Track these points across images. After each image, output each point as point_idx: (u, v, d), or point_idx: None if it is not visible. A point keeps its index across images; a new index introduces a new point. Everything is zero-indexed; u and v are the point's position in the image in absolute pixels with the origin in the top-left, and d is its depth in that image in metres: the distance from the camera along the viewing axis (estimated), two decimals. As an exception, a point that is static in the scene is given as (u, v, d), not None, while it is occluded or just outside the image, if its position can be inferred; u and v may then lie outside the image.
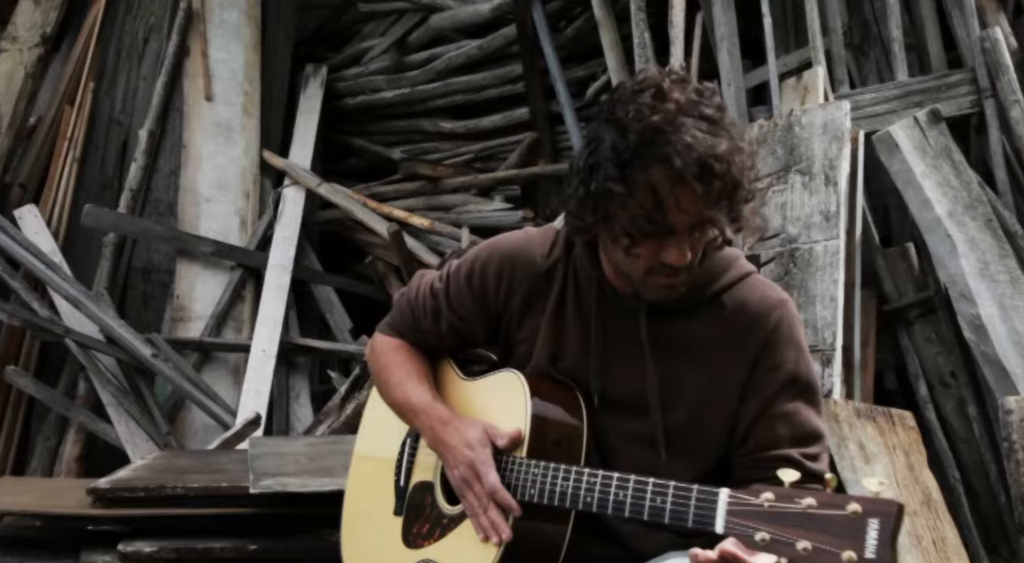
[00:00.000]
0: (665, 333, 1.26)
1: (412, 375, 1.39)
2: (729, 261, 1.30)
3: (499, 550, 1.20)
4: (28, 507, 2.19)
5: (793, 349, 1.26)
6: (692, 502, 1.04)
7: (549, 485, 1.19)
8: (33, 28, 4.04)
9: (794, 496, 0.95)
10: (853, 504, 0.91)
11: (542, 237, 1.35)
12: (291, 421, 3.75)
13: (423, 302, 1.41)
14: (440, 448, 1.31)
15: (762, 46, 3.18)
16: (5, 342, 3.60)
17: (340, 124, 4.72)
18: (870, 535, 0.89)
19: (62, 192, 3.89)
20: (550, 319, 1.31)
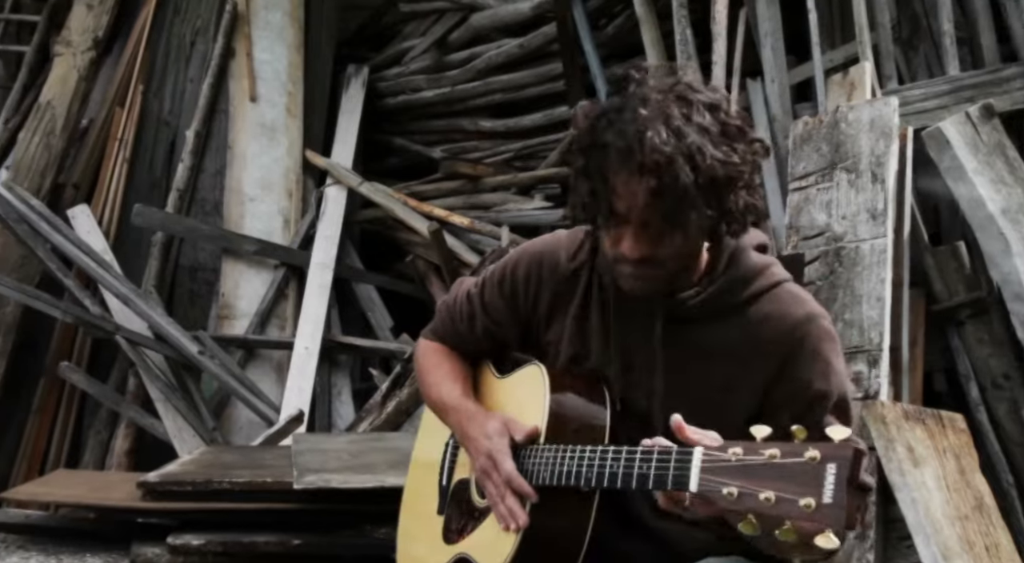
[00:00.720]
0: (682, 339, 1.24)
1: (447, 376, 1.43)
2: (759, 270, 1.26)
3: (517, 537, 1.21)
4: (82, 499, 2.25)
5: (820, 365, 1.22)
6: (671, 464, 1.04)
7: (557, 466, 1.20)
8: (86, 32, 4.14)
9: (759, 448, 0.95)
10: (811, 451, 0.91)
11: (571, 239, 1.36)
12: (333, 418, 3.80)
13: (460, 307, 1.45)
14: (465, 441, 1.34)
15: (807, 42, 3.13)
16: (59, 339, 3.70)
17: (381, 123, 4.76)
18: (828, 480, 0.89)
19: (113, 192, 3.98)
20: (574, 320, 1.32)
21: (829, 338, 1.24)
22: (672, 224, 1.11)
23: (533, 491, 1.20)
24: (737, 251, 1.25)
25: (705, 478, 0.98)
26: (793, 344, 1.21)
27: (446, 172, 4.38)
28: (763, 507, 0.91)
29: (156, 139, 4.16)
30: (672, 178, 1.07)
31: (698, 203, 1.09)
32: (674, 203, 1.09)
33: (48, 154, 3.89)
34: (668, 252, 1.15)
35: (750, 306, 1.24)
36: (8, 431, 3.55)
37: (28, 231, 3.58)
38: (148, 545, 2.09)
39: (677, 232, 1.13)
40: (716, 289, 1.23)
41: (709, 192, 1.10)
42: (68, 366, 3.56)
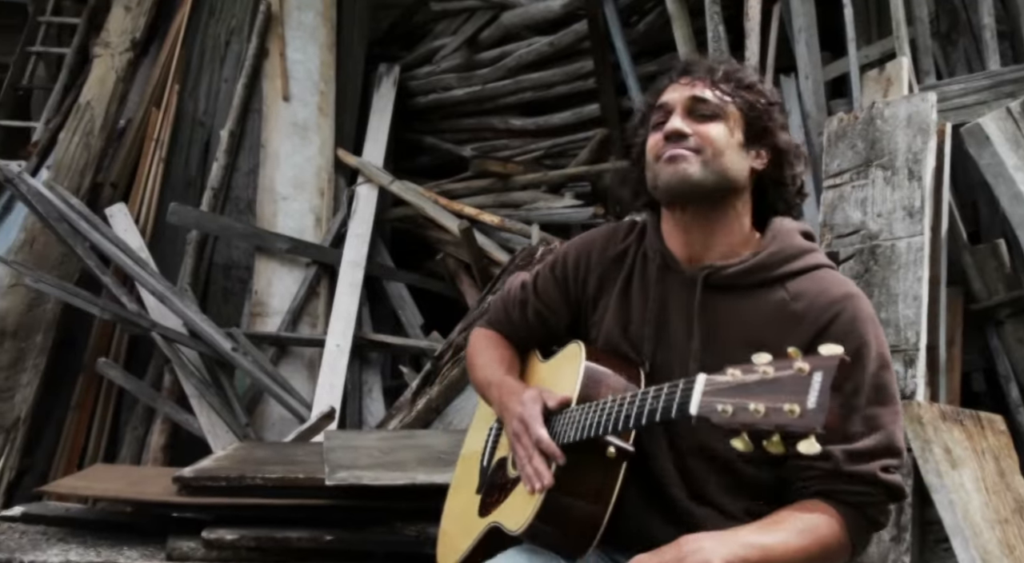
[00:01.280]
0: (719, 308, 1.28)
1: (494, 359, 1.51)
2: (803, 250, 1.31)
3: (541, 497, 1.23)
4: (120, 493, 2.28)
5: (853, 342, 1.21)
6: (678, 392, 1.09)
7: (582, 421, 1.23)
8: (124, 34, 4.21)
9: (755, 367, 1.00)
10: (800, 362, 0.96)
11: (621, 228, 1.46)
12: (364, 415, 3.82)
13: (514, 295, 1.54)
14: (503, 412, 1.39)
15: (842, 37, 3.09)
16: (97, 335, 3.76)
17: (412, 122, 4.78)
18: (814, 387, 0.93)
19: (149, 191, 4.04)
20: (618, 295, 1.39)
21: (867, 319, 1.25)
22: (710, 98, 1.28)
23: (560, 452, 1.22)
24: (782, 231, 1.32)
25: (705, 400, 1.02)
26: (829, 319, 1.23)
27: (476, 170, 4.39)
28: (753, 418, 0.95)
29: (191, 138, 4.22)
30: (718, 69, 1.31)
31: (732, 89, 1.29)
32: (710, 81, 1.29)
33: (87, 154, 3.96)
34: (702, 130, 1.27)
35: (789, 281, 1.28)
36: (48, 426, 3.60)
37: (68, 230, 3.64)
38: (183, 539, 2.11)
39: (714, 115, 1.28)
40: (762, 259, 1.28)
41: (739, 85, 1.29)
42: (106, 362, 3.61)
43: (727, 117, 1.28)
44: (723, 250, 1.31)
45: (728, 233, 1.31)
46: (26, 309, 3.62)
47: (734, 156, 1.28)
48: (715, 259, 1.30)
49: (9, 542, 2.23)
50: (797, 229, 1.34)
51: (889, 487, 1.21)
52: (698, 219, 1.30)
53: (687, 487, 1.28)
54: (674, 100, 1.31)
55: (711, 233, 1.31)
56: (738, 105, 1.29)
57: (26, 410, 3.48)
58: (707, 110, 1.28)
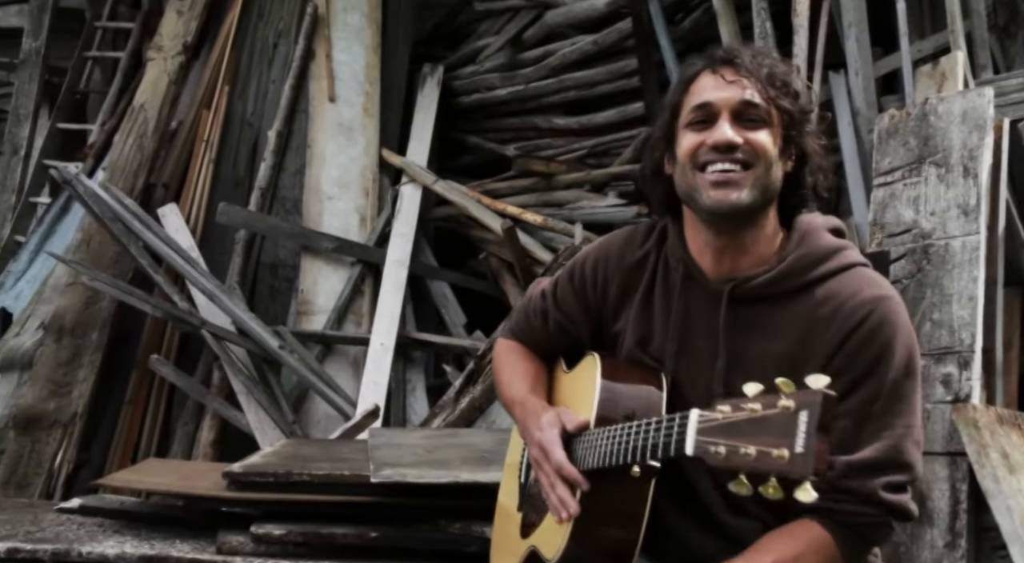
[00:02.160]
0: (745, 320, 1.23)
1: (518, 374, 1.46)
2: (831, 251, 1.24)
3: (570, 525, 1.21)
4: (171, 487, 2.33)
5: (877, 347, 1.16)
6: (675, 430, 1.05)
7: (598, 448, 1.20)
8: (176, 37, 4.29)
9: (743, 404, 0.94)
10: (784, 400, 0.89)
11: (639, 231, 1.39)
12: (407, 413, 3.84)
13: (535, 306, 1.48)
14: (524, 435, 1.36)
15: (894, 32, 3.02)
16: (149, 333, 3.83)
17: (455, 122, 4.80)
18: (800, 428, 0.87)
19: (199, 191, 4.12)
20: (639, 305, 1.33)
21: (896, 322, 1.18)
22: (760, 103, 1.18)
23: (583, 478, 1.19)
24: (809, 231, 1.25)
25: (700, 440, 0.98)
26: (856, 322, 1.17)
27: (519, 170, 4.39)
28: (746, 462, 0.91)
29: (240, 139, 4.29)
30: (758, 62, 1.21)
31: (775, 93, 1.19)
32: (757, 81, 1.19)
33: (140, 155, 4.05)
34: (754, 140, 1.18)
35: (819, 286, 1.21)
36: (103, 421, 3.69)
37: (122, 229, 3.73)
38: (233, 533, 2.15)
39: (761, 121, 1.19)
40: (785, 267, 1.22)
41: (783, 90, 1.20)
42: (158, 359, 3.69)
43: (772, 123, 1.20)
44: (753, 259, 1.24)
45: (759, 240, 1.24)
46: (83, 307, 3.71)
47: (777, 167, 1.21)
48: (743, 269, 1.24)
49: (68, 533, 2.29)
50: (825, 226, 1.27)
51: (891, 508, 1.15)
52: (736, 231, 1.23)
53: (726, 501, 1.25)
54: (720, 101, 1.20)
55: (742, 244, 1.24)
56: (782, 109, 1.20)
57: (83, 405, 3.57)
58: (756, 115, 1.19)
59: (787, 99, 1.20)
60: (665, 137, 1.27)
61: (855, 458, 1.14)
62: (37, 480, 3.41)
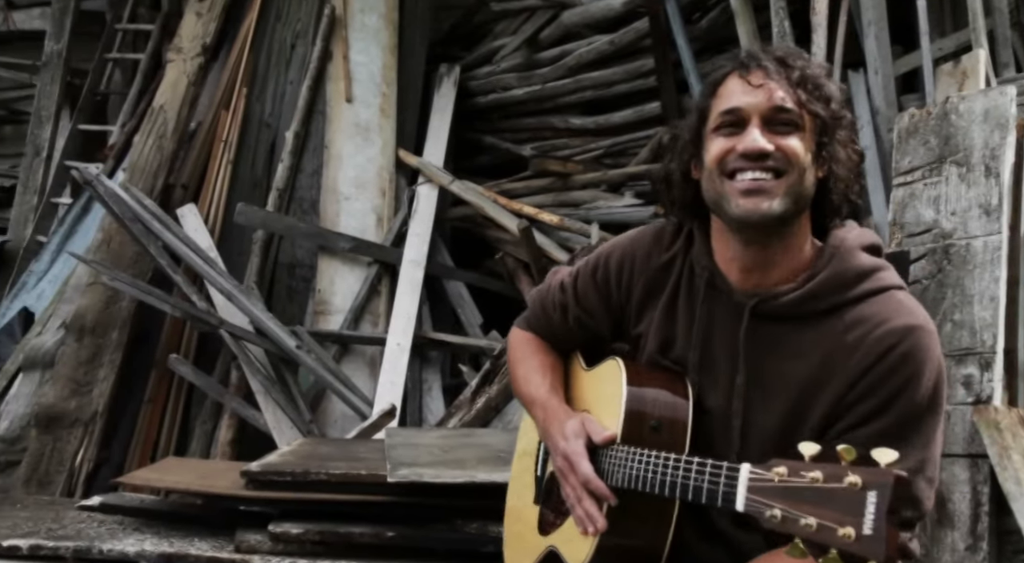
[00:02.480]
0: (767, 338, 1.19)
1: (536, 370, 1.43)
2: (864, 273, 1.17)
3: (596, 540, 1.20)
4: (190, 486, 2.35)
5: (901, 377, 1.11)
6: (721, 480, 1.02)
7: (628, 469, 1.17)
8: (195, 39, 4.32)
9: (802, 470, 0.91)
10: (851, 476, 0.86)
11: (667, 231, 1.34)
12: (424, 413, 3.85)
13: (553, 297, 1.44)
14: (546, 438, 1.34)
15: (914, 30, 3.00)
16: (168, 332, 3.86)
17: (472, 122, 4.80)
18: (868, 509, 0.84)
19: (218, 192, 4.15)
20: (663, 310, 1.30)
21: (926, 357, 1.12)
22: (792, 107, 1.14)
23: (611, 494, 1.18)
24: (843, 248, 1.18)
25: (751, 498, 0.96)
26: (882, 352, 1.12)
27: (536, 170, 4.38)
28: (806, 532, 0.88)
29: (258, 140, 4.31)
30: (788, 66, 1.16)
31: (807, 97, 1.14)
32: (788, 85, 1.14)
33: (160, 156, 4.08)
34: (786, 146, 1.13)
35: (848, 309, 1.15)
36: (123, 419, 3.71)
37: (142, 230, 3.76)
38: (251, 532, 2.17)
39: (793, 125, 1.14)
40: (814, 286, 1.16)
41: (815, 94, 1.15)
42: (177, 358, 3.71)
43: (804, 128, 1.14)
44: (782, 273, 1.19)
45: (789, 254, 1.19)
46: (103, 306, 3.75)
47: (810, 173, 1.16)
48: (771, 283, 1.19)
49: (89, 531, 2.32)
50: (860, 244, 1.20)
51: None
52: (766, 243, 1.18)
53: (731, 515, 1.20)
54: (750, 106, 1.14)
55: (771, 255, 1.18)
56: (817, 113, 1.15)
57: (103, 404, 3.60)
58: (787, 120, 1.14)
59: (819, 104, 1.15)
60: (692, 141, 1.22)
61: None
62: (59, 478, 3.44)
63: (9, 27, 5.58)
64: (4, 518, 2.44)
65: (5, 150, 5.69)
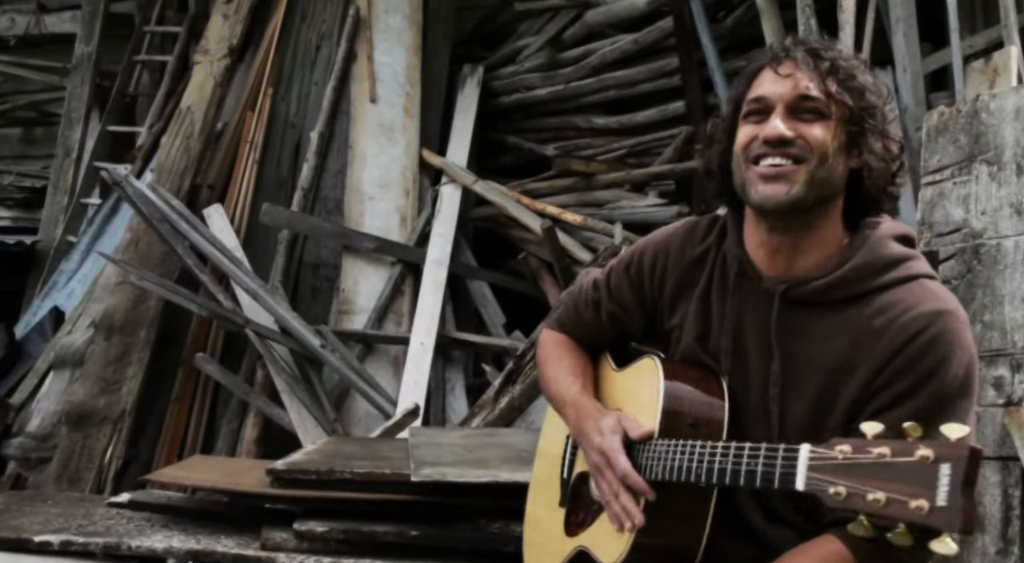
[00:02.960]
0: (797, 323, 1.20)
1: (567, 370, 1.43)
2: (895, 260, 1.19)
3: (631, 536, 1.20)
4: (217, 484, 2.38)
5: (931, 360, 1.11)
6: (778, 461, 1.02)
7: (669, 461, 1.17)
8: (221, 41, 4.36)
9: (867, 446, 0.91)
10: (923, 450, 0.87)
11: (700, 225, 1.36)
12: (447, 413, 3.86)
13: (586, 295, 1.46)
14: (579, 437, 1.34)
15: (943, 27, 2.95)
16: (195, 331, 3.89)
17: (495, 122, 4.80)
18: (942, 481, 0.84)
19: (243, 192, 4.18)
20: (698, 302, 1.31)
21: (955, 340, 1.13)
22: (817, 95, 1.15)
23: (649, 489, 1.18)
24: (876, 238, 1.20)
25: (812, 476, 0.96)
26: (907, 338, 1.13)
27: (559, 169, 4.38)
28: (873, 508, 0.88)
29: (283, 140, 4.35)
30: (817, 56, 1.17)
31: (836, 87, 1.15)
32: (816, 75, 1.16)
33: (187, 157, 4.12)
34: (808, 134, 1.15)
35: (877, 296, 1.16)
36: (151, 417, 3.76)
37: (169, 230, 3.80)
38: (276, 530, 2.19)
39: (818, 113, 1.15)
40: (844, 273, 1.17)
41: (845, 84, 1.16)
42: (203, 357, 3.75)
43: (832, 116, 1.15)
44: (811, 261, 1.20)
45: (818, 242, 1.20)
46: (131, 305, 3.79)
47: (836, 162, 1.16)
48: (800, 270, 1.20)
49: (118, 527, 2.35)
50: (892, 234, 1.21)
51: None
52: (789, 229, 1.20)
53: (763, 510, 1.23)
54: (775, 94, 1.17)
55: (801, 243, 1.20)
56: (845, 102, 1.15)
57: (131, 402, 3.64)
58: (812, 107, 1.15)
59: (848, 93, 1.15)
60: (727, 131, 1.25)
61: None
62: (88, 475, 3.49)
63: (41, 30, 5.67)
64: (36, 514, 2.48)
65: (36, 151, 5.78)
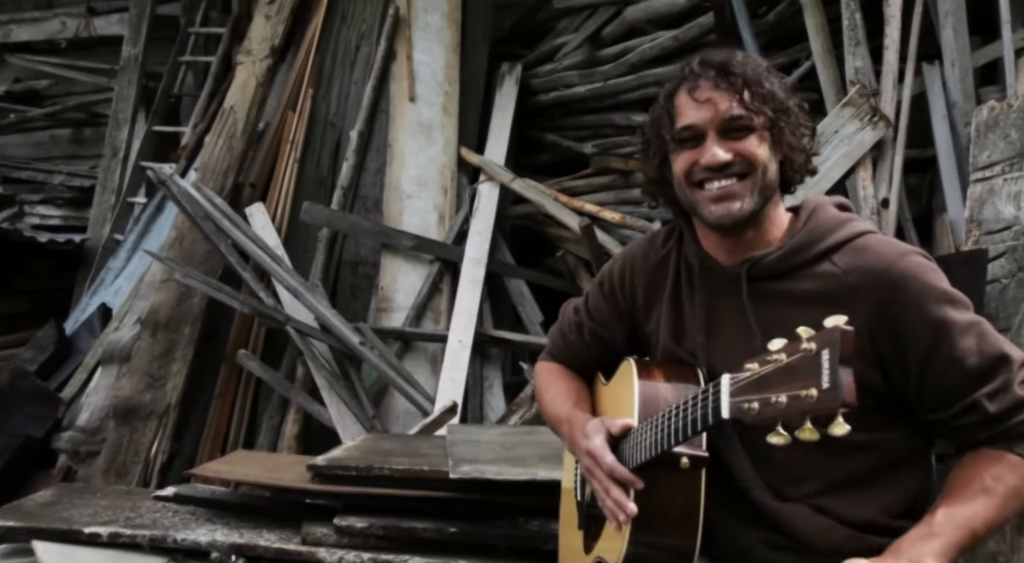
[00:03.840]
0: (770, 294, 1.25)
1: (560, 392, 1.51)
2: (837, 223, 1.27)
3: (628, 527, 1.22)
4: (259, 479, 2.41)
5: (928, 297, 1.18)
6: (709, 398, 1.07)
7: (643, 441, 1.21)
8: (264, 41, 4.42)
9: (768, 357, 0.97)
10: (806, 343, 0.93)
11: (659, 234, 1.44)
12: (484, 410, 3.87)
13: (568, 321, 1.55)
14: (572, 448, 1.40)
15: (994, 20, 2.88)
16: (237, 328, 3.96)
17: (533, 120, 4.79)
18: (824, 366, 0.90)
19: (284, 190, 4.24)
20: (668, 302, 1.37)
21: (931, 270, 1.21)
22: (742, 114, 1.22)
23: (635, 478, 1.21)
24: (816, 208, 1.30)
25: (734, 402, 1.01)
26: (891, 287, 1.19)
27: (597, 167, 4.36)
28: (778, 410, 0.93)
29: (323, 139, 4.39)
30: (730, 73, 1.23)
31: (752, 100, 1.22)
32: (733, 92, 1.22)
33: (230, 156, 4.19)
34: (744, 150, 1.22)
35: (833, 254, 1.24)
36: (195, 413, 3.82)
37: (212, 228, 3.86)
38: (317, 525, 2.21)
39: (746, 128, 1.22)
40: (798, 241, 1.25)
41: (759, 93, 1.23)
42: (245, 354, 3.80)
43: (756, 127, 1.23)
44: (765, 244, 1.28)
45: (768, 230, 1.28)
46: (176, 302, 3.86)
47: (771, 163, 1.25)
48: (756, 252, 1.27)
49: (164, 520, 2.40)
50: (831, 202, 1.32)
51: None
52: (742, 230, 1.28)
53: (769, 488, 1.25)
54: (703, 121, 1.24)
55: (751, 236, 1.28)
56: (764, 111, 1.24)
57: (176, 397, 3.71)
58: (740, 125, 1.23)
59: (765, 103, 1.23)
60: (660, 147, 1.32)
61: (989, 389, 1.15)
62: (135, 468, 3.57)
63: (90, 33, 5.80)
64: (85, 506, 2.54)
65: (85, 152, 5.92)
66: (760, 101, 1.23)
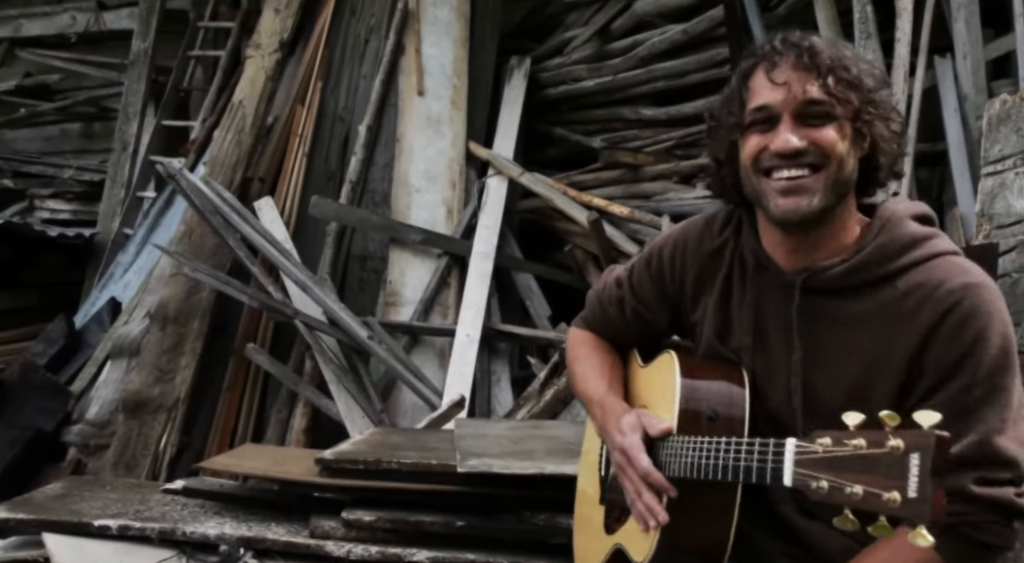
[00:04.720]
0: (821, 312, 1.17)
1: (594, 368, 1.43)
2: (916, 239, 1.16)
3: (656, 534, 1.19)
4: (267, 472, 2.42)
5: (967, 338, 1.08)
6: (769, 457, 1.01)
7: (684, 457, 1.16)
8: (273, 35, 4.42)
9: (845, 438, 0.90)
10: (893, 440, 0.85)
11: (718, 218, 1.34)
12: (492, 404, 3.87)
13: (609, 293, 1.45)
14: (604, 436, 1.34)
15: (1007, 13, 2.85)
16: (246, 322, 3.96)
17: (542, 114, 4.79)
18: (912, 472, 0.83)
19: (293, 185, 4.24)
20: (717, 297, 1.29)
21: (989, 310, 1.09)
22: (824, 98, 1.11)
23: (670, 486, 1.17)
24: (892, 219, 1.17)
25: (798, 472, 0.95)
26: (941, 313, 1.09)
27: (606, 161, 4.35)
28: (852, 501, 0.88)
29: (332, 134, 4.39)
30: (812, 53, 1.12)
31: (837, 85, 1.10)
32: (815, 75, 1.11)
33: (239, 150, 4.19)
34: (820, 139, 1.11)
35: (901, 276, 1.14)
36: (203, 406, 3.84)
37: (221, 222, 3.87)
38: (325, 518, 2.22)
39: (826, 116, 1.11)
40: (864, 257, 1.15)
41: (845, 79, 1.11)
42: (254, 348, 3.81)
43: (837, 116, 1.12)
44: (828, 251, 1.18)
45: (834, 233, 1.18)
46: (185, 296, 3.87)
47: (850, 158, 1.14)
48: (818, 261, 1.17)
49: (172, 513, 2.41)
50: (910, 214, 1.19)
51: (989, 502, 1.07)
52: (808, 230, 1.18)
53: (796, 503, 1.22)
54: (779, 103, 1.12)
55: (815, 238, 1.18)
56: (849, 100, 1.12)
57: (185, 391, 3.73)
58: (819, 112, 1.12)
59: (851, 90, 1.12)
60: (730, 129, 1.21)
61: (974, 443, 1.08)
62: (144, 461, 3.58)
63: (100, 27, 5.81)
64: (95, 499, 2.55)
65: (95, 146, 5.94)
66: (845, 87, 1.11)
